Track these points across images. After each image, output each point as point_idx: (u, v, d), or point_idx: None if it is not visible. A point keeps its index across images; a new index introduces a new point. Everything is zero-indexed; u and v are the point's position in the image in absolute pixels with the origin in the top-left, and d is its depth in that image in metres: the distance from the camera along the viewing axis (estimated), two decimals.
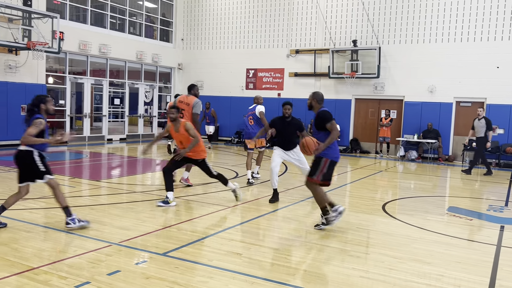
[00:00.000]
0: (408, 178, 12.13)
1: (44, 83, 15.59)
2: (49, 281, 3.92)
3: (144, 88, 20.11)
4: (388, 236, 5.92)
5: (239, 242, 5.30)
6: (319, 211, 6.12)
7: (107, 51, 17.51)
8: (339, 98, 17.84)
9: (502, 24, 15.03)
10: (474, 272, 4.59)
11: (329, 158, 5.80)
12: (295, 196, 8.29)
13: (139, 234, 5.45)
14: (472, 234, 6.24)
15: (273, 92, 19.16)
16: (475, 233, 6.33)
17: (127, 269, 4.31)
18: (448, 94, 15.89)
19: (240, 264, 4.55)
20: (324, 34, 18.03)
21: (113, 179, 10.06)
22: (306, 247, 5.27)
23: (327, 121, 5.75)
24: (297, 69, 18.63)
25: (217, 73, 20.35)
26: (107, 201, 7.44)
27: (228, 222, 6.24)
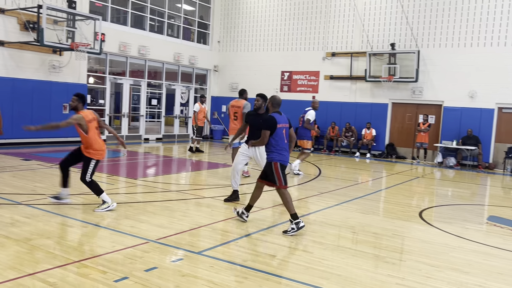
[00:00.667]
0: (445, 185, 11.81)
1: (86, 83, 16.10)
2: (89, 275, 4.05)
3: (180, 89, 20.44)
4: (425, 243, 5.80)
5: (272, 244, 5.31)
6: (356, 215, 6.06)
7: (146, 52, 17.92)
8: (375, 102, 17.58)
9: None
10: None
11: (276, 161, 5.96)
12: (329, 200, 8.23)
13: (175, 232, 5.55)
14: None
15: (307, 95, 19.07)
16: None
17: (163, 266, 4.40)
18: (489, 100, 15.37)
19: (274, 266, 4.56)
20: (361, 36, 17.82)
21: (149, 177, 10.28)
22: (340, 251, 5.22)
23: (264, 127, 5.96)
24: (332, 72, 18.49)
25: (252, 75, 20.45)
26: (143, 199, 7.61)
27: (262, 223, 6.26)
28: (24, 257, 4.42)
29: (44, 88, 14.60)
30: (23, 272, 4.01)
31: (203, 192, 8.46)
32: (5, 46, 13.45)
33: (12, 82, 13.69)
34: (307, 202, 7.99)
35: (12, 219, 5.74)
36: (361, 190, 9.62)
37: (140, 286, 3.87)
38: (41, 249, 4.68)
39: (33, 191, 7.49)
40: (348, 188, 9.76)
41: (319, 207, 7.58)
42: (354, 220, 6.78)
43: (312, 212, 7.30)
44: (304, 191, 8.94)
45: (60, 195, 6.69)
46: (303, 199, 8.16)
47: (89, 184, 6.47)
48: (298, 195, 8.51)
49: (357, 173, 12.94)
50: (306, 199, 8.19)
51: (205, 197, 7.92)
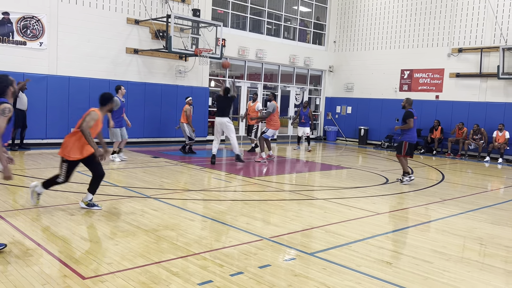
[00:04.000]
0: None
1: (207, 86, 17.11)
2: (207, 267, 4.28)
3: (295, 90, 20.63)
4: None
5: (389, 251, 5.08)
6: (485, 226, 5.51)
7: (263, 55, 18.43)
8: (509, 101, 15.85)
9: None
10: None
11: (407, 140, 9.62)
12: (453, 208, 7.62)
13: (288, 232, 5.61)
14: None
15: (430, 94, 17.92)
16: None
17: (276, 264, 4.47)
18: None
19: (390, 273, 4.36)
20: (494, 30, 16.20)
21: (264, 176, 10.54)
22: (465, 264, 4.80)
23: (407, 117, 9.64)
24: (459, 69, 17.10)
25: (368, 75, 19.84)
26: (258, 197, 7.83)
27: (377, 229, 6.03)
28: (151, 246, 4.83)
29: (171, 91, 15.84)
30: (150, 260, 4.39)
31: (316, 193, 8.42)
32: (139, 54, 14.89)
33: (144, 86, 15.10)
34: (428, 209, 7.49)
35: (142, 211, 6.31)
36: (491, 199, 8.74)
37: (254, 282, 3.98)
38: (166, 240, 5.07)
39: (161, 186, 8.16)
40: (476, 195, 8.93)
41: (441, 215, 7.06)
42: (482, 231, 6.18)
43: (434, 220, 6.82)
44: (425, 197, 8.40)
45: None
46: (423, 206, 7.67)
47: None
48: (418, 201, 8.02)
49: (486, 179, 11.79)
50: (427, 206, 7.68)
51: (318, 198, 7.88)
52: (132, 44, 14.73)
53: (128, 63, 14.73)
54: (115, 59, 14.41)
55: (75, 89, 13.50)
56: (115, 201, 6.86)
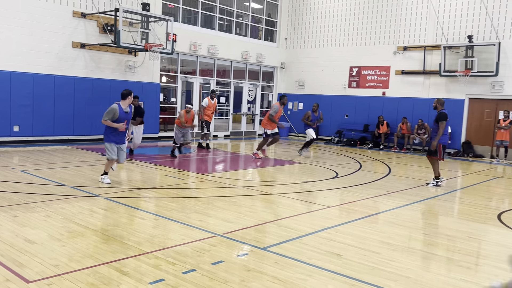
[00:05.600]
0: None
1: (159, 82, 16.81)
2: (160, 266, 4.22)
3: (248, 87, 20.70)
4: (503, 248, 5.42)
5: (339, 243, 5.23)
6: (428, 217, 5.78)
7: (215, 51, 18.34)
8: (450, 97, 16.66)
9: None
10: None
11: (441, 143, 9.36)
12: (399, 200, 7.94)
13: (241, 227, 5.64)
14: None
15: (377, 91, 18.53)
16: None
17: (230, 260, 4.49)
18: None
19: (340, 265, 4.49)
20: (436, 29, 16.97)
21: (218, 173, 10.52)
22: (410, 253, 5.02)
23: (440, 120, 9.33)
24: (404, 66, 17.79)
25: (319, 72, 20.24)
26: (212, 193, 7.81)
27: (328, 222, 6.19)
28: (101, 247, 4.71)
29: (121, 87, 15.28)
30: (100, 261, 4.28)
31: (269, 189, 8.51)
32: (86, 48, 14.39)
33: (92, 81, 14.62)
34: (376, 202, 7.76)
35: (91, 211, 6.13)
36: (434, 190, 9.18)
37: (207, 278, 3.97)
38: (116, 239, 4.96)
39: (110, 185, 7.95)
40: (420, 188, 9.36)
41: (388, 207, 7.34)
42: (426, 221, 6.49)
43: (381, 212, 7.09)
44: (373, 190, 8.70)
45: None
46: (371, 198, 7.95)
47: None
48: (366, 194, 8.30)
49: (430, 172, 12.34)
50: (375, 198, 7.97)
51: (270, 194, 7.97)
52: (79, 38, 14.21)
53: (75, 58, 14.20)
54: (61, 54, 13.84)
55: (17, 85, 12.84)
56: (62, 200, 6.62)
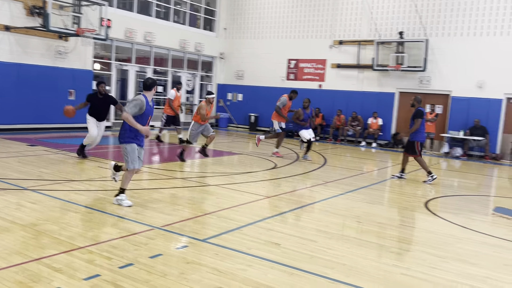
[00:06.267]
0: (452, 175, 11.74)
1: (91, 69, 16.07)
2: (94, 261, 4.05)
3: (186, 76, 20.37)
4: (430, 234, 5.76)
5: (277, 232, 5.30)
6: (362, 205, 6.00)
7: (152, 39, 17.82)
8: (382, 91, 17.44)
9: None
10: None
11: (418, 140, 9.53)
12: (334, 189, 8.20)
13: (180, 220, 5.55)
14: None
15: (314, 84, 18.96)
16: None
17: (168, 253, 4.40)
18: (498, 90, 15.20)
19: (279, 254, 4.55)
20: (370, 25, 17.62)
21: (155, 164, 10.27)
22: (345, 241, 5.20)
23: (416, 117, 9.35)
24: (340, 60, 18.33)
25: (258, 63, 20.33)
26: (149, 185, 7.62)
27: (267, 212, 6.25)
28: (30, 242, 4.43)
29: (50, 73, 14.58)
30: (29, 257, 4.03)
31: (208, 180, 8.45)
32: (11, 31, 13.41)
33: (18, 67, 13.68)
34: (312, 191, 7.96)
35: (18, 204, 5.75)
36: (367, 180, 9.58)
37: (145, 272, 3.87)
38: (46, 234, 4.69)
39: (39, 177, 7.51)
40: (354, 177, 9.71)
41: (324, 196, 7.55)
42: (360, 210, 6.75)
43: (317, 201, 7.27)
44: (309, 180, 8.91)
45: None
46: (308, 188, 8.14)
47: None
48: (303, 184, 8.48)
49: (362, 162, 12.89)
50: (311, 188, 8.16)
51: (210, 185, 7.92)
52: (3, 20, 13.20)
53: None
54: None
55: None
56: None
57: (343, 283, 3.94)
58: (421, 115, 9.35)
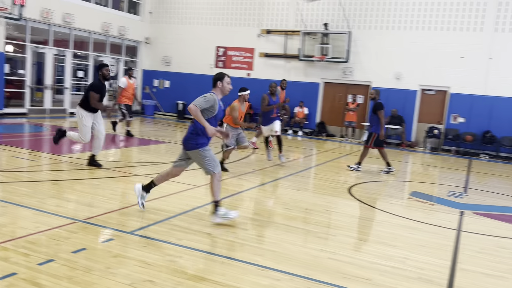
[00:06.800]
0: (372, 162, 12.36)
1: (3, 51, 14.81)
2: (10, 258, 3.75)
3: (109, 61, 19.46)
4: (353, 218, 6.04)
5: (208, 221, 5.25)
6: (289, 192, 6.13)
7: (71, 20, 16.77)
8: (308, 81, 17.89)
9: (468, 15, 15.38)
10: (436, 255, 4.75)
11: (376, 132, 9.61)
12: (263, 177, 8.30)
13: (105, 212, 5.31)
14: (434, 219, 6.43)
15: (242, 72, 18.99)
16: (437, 217, 6.53)
17: (93, 247, 4.19)
18: (413, 82, 16.22)
19: (210, 243, 4.52)
20: (296, 15, 17.93)
21: (76, 154, 9.74)
22: (274, 228, 5.29)
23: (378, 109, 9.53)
24: (267, 49, 18.50)
25: (185, 49, 19.94)
26: (69, 176, 7.20)
27: (197, 201, 6.18)
28: None
29: None
30: None
31: (134, 170, 8.17)
32: None
33: None
34: (241, 179, 7.99)
35: None
36: (293, 168, 9.80)
37: (67, 268, 3.66)
38: None
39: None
40: (281, 165, 9.89)
41: (253, 184, 7.62)
42: (287, 197, 6.90)
43: (246, 189, 7.32)
44: (238, 168, 8.94)
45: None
46: (237, 176, 8.16)
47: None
48: (232, 172, 8.49)
49: (289, 150, 13.17)
50: (240, 176, 8.19)
51: (136, 175, 7.66)
52: None
53: None
54: None
55: None
56: None
57: (273, 269, 4.00)
58: (382, 107, 9.61)
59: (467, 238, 5.45)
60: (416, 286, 3.91)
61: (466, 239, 5.40)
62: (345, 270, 4.13)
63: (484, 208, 7.25)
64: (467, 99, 15.53)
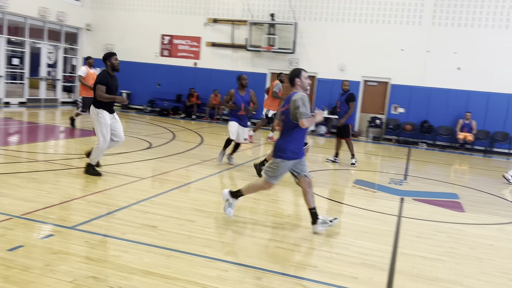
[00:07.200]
0: (317, 151, 12.64)
1: None
2: None
3: (47, 48, 18.48)
4: (300, 207, 6.13)
5: (154, 214, 5.14)
6: (238, 182, 6.11)
7: (4, 4, 15.71)
8: (255, 71, 17.91)
9: (408, 9, 15.99)
10: (379, 241, 4.93)
11: (351, 123, 9.91)
12: (211, 168, 8.24)
13: (44, 206, 5.05)
14: (377, 206, 6.67)
15: (189, 61, 18.70)
16: (379, 204, 6.79)
17: (31, 244, 3.98)
18: (356, 73, 16.68)
19: (156, 237, 4.43)
20: (243, 5, 17.84)
21: (11, 146, 9.20)
22: (223, 219, 5.27)
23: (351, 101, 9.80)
24: (214, 39, 18.30)
25: (129, 37, 19.30)
26: (4, 170, 6.79)
27: (142, 194, 6.02)
28: None
29: None
30: None
31: (75, 162, 7.84)
32: None
33: None
34: (189, 171, 7.90)
35: None
36: (243, 158, 9.81)
37: (3, 267, 3.45)
38: None
39: None
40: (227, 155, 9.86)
41: (201, 175, 7.54)
42: (236, 187, 6.88)
43: (194, 180, 7.24)
44: (186, 159, 8.82)
45: None
46: (185, 167, 8.05)
47: None
48: (180, 163, 8.37)
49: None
50: (188, 167, 8.09)
51: (78, 167, 7.35)
52: None
53: None
54: None
55: None
56: None
57: (222, 260, 3.99)
58: (354, 98, 9.83)
59: (407, 224, 5.70)
60: (360, 271, 4.04)
61: (406, 225, 5.65)
62: (293, 259, 4.19)
63: (422, 195, 7.62)
64: (407, 90, 16.20)
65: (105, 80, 6.58)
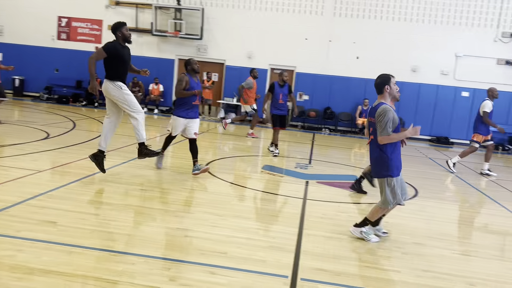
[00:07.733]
0: (227, 139, 12.72)
1: None
2: None
3: None
4: (211, 194, 6.13)
5: (53, 209, 4.79)
6: (145, 172, 5.93)
7: None
8: (162, 57, 17.43)
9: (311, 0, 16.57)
10: (286, 224, 5.10)
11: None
12: (116, 158, 7.91)
13: None
14: (284, 190, 6.89)
15: (89, 45, 17.62)
16: (286, 188, 7.00)
17: None
18: (264, 61, 16.97)
19: (55, 233, 4.14)
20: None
21: None
22: (128, 210, 5.08)
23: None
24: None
25: (21, 18, 17.66)
26: None
27: (39, 187, 5.58)
28: None
29: None
30: None
31: None
32: None
33: None
34: (91, 162, 7.47)
35: None
36: (152, 146, 9.52)
37: None
38: None
39: None
40: (137, 144, 9.52)
41: (105, 166, 7.18)
42: (143, 178, 6.69)
43: (98, 172, 6.87)
44: (89, 150, 8.33)
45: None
46: (87, 159, 7.61)
47: None
48: (81, 154, 7.90)
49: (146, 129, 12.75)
50: None
51: None
52: None
53: None
54: None
55: None
56: None
57: (128, 253, 3.85)
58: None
59: (312, 206, 5.96)
60: (268, 254, 4.14)
61: (311, 207, 5.91)
62: (202, 246, 4.18)
63: (325, 177, 8.02)
64: (311, 78, 16.85)
65: (113, 50, 6.30)
